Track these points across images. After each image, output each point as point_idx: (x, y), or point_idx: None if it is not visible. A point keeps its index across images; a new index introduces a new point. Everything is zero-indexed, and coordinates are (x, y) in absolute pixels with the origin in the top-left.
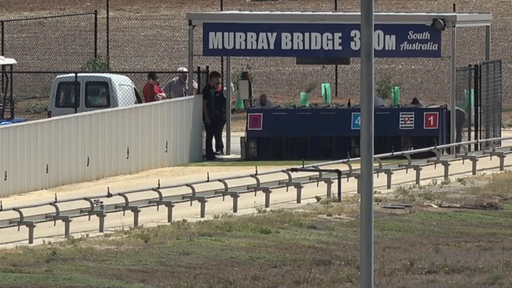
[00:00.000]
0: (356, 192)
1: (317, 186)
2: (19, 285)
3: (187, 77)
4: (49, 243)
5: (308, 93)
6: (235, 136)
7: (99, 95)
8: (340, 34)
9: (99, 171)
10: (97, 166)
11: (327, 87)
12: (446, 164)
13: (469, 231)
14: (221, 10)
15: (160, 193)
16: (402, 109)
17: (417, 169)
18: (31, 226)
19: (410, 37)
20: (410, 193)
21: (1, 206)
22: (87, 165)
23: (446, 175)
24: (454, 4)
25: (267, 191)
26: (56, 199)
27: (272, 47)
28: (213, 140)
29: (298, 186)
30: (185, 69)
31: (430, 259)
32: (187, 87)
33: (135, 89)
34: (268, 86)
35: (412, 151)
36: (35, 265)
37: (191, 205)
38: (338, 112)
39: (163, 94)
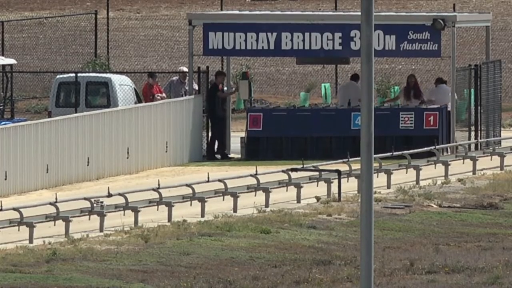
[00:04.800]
0: (356, 192)
1: (317, 186)
2: (19, 285)
3: (187, 77)
4: (49, 243)
5: (308, 93)
6: (235, 136)
7: (99, 95)
8: (340, 34)
9: (99, 171)
10: (97, 166)
11: (327, 87)
12: (446, 164)
13: (469, 231)
14: (221, 10)
15: (160, 193)
16: (402, 109)
17: (417, 169)
18: (31, 226)
19: (410, 37)
20: (410, 193)
21: (1, 206)
22: (87, 165)
23: (446, 175)
24: (454, 4)
25: (267, 191)
26: (56, 199)
27: (272, 47)
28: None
29: (298, 186)
30: (185, 69)
31: (430, 259)
32: (186, 87)
33: (135, 89)
34: (268, 86)
35: (412, 151)
36: (35, 265)
37: (191, 205)
38: (338, 112)
39: (163, 94)
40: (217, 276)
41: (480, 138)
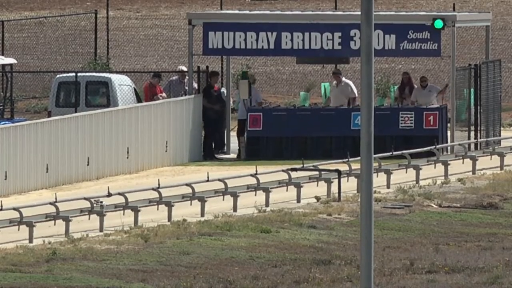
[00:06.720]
0: (356, 192)
1: (317, 186)
2: (19, 285)
3: (186, 76)
4: (49, 243)
5: (308, 93)
6: (235, 136)
7: (99, 95)
8: (340, 34)
9: (99, 171)
10: (97, 166)
11: (327, 86)
12: (446, 164)
13: (469, 231)
14: (221, 9)
15: (160, 193)
16: (402, 108)
17: (417, 169)
18: (31, 226)
19: (410, 36)
20: (410, 193)
21: (1, 206)
22: (87, 165)
23: (446, 175)
24: (454, 4)
25: (267, 190)
26: (56, 199)
27: (272, 47)
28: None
29: (298, 186)
30: (184, 68)
31: (430, 259)
32: (186, 87)
33: (135, 89)
34: (268, 86)
35: (412, 151)
36: (35, 265)
37: (191, 204)
38: (338, 112)
39: (163, 94)
40: (217, 276)
41: (480, 138)
